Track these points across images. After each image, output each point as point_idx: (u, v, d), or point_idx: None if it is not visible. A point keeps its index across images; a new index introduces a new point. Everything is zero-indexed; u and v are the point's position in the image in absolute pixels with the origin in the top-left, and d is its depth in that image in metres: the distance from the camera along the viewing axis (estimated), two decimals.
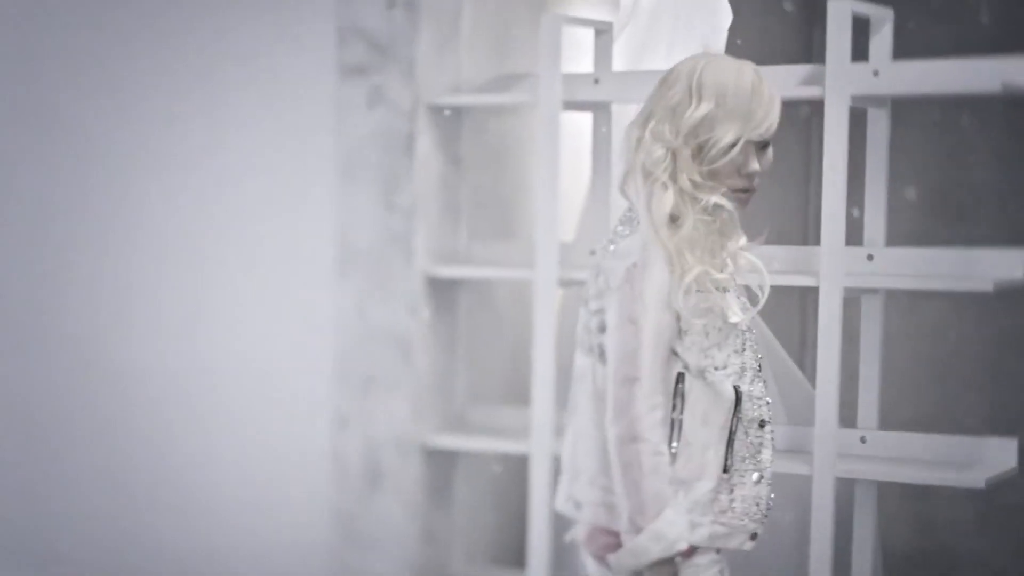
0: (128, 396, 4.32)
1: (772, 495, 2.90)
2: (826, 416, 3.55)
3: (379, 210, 4.00)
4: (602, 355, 2.83)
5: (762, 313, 4.39)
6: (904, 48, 3.73)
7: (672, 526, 2.75)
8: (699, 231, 2.75)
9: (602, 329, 2.84)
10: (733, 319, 2.79)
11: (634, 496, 2.74)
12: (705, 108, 2.73)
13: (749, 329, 2.86)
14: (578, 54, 4.16)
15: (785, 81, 3.65)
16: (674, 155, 2.76)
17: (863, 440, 3.74)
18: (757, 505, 2.86)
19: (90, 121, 4.34)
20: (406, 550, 4.02)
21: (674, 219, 2.75)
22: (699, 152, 2.75)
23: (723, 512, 2.83)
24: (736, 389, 2.81)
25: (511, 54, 4.18)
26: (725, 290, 2.81)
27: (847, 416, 3.71)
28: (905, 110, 3.98)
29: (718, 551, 2.88)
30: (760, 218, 4.63)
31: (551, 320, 3.85)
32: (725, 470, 2.80)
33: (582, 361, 2.93)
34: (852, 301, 3.67)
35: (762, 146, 2.78)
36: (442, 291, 4.07)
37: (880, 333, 3.76)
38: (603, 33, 4.00)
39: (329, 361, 4.05)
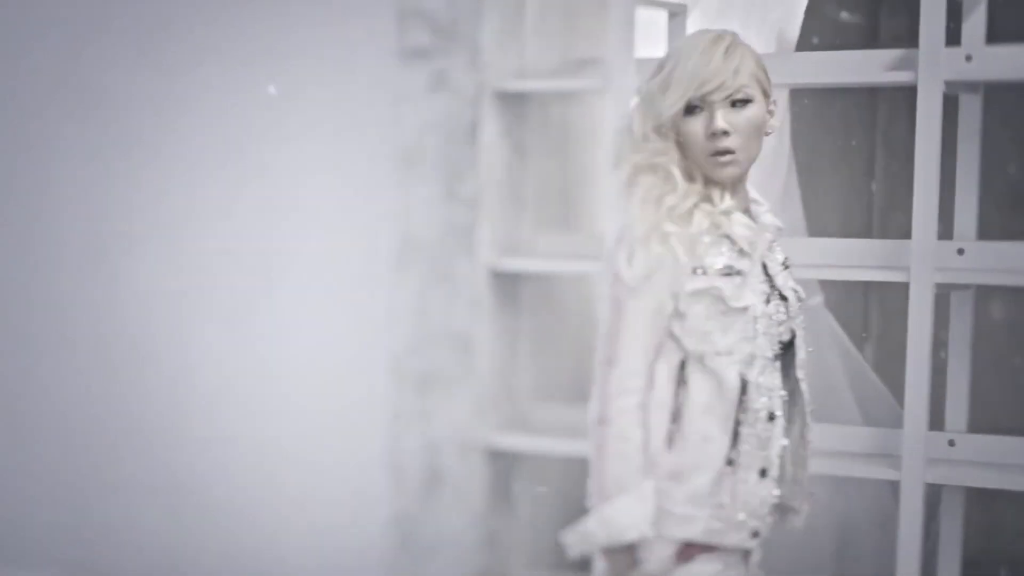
0: (183, 396, 4.18)
1: (778, 492, 2.75)
2: (916, 419, 3.39)
3: (441, 201, 3.84)
4: None
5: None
6: (997, 32, 3.55)
7: (623, 514, 2.63)
8: (649, 192, 2.66)
9: None
10: (736, 304, 2.65)
11: (597, 479, 2.65)
12: (658, 74, 2.68)
13: (769, 316, 2.70)
14: (646, 37, 3.97)
15: (873, 66, 3.47)
16: (638, 122, 2.71)
17: (951, 443, 3.56)
18: (761, 502, 2.71)
19: (143, 112, 4.19)
20: (466, 556, 3.86)
21: (631, 186, 2.69)
22: (650, 117, 2.68)
23: (722, 507, 2.68)
24: (742, 378, 2.66)
25: (579, 38, 4.02)
26: (732, 272, 2.66)
27: (934, 419, 3.53)
28: (998, 96, 3.79)
29: (722, 562, 2.73)
30: (821, 210, 4.50)
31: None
32: (729, 463, 2.67)
33: None
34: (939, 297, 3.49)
35: (731, 104, 2.65)
36: (505, 285, 3.92)
37: (970, 331, 3.58)
38: (677, 15, 3.83)
39: (387, 358, 3.89)
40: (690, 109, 2.65)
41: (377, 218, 3.92)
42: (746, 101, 2.65)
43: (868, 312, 5.45)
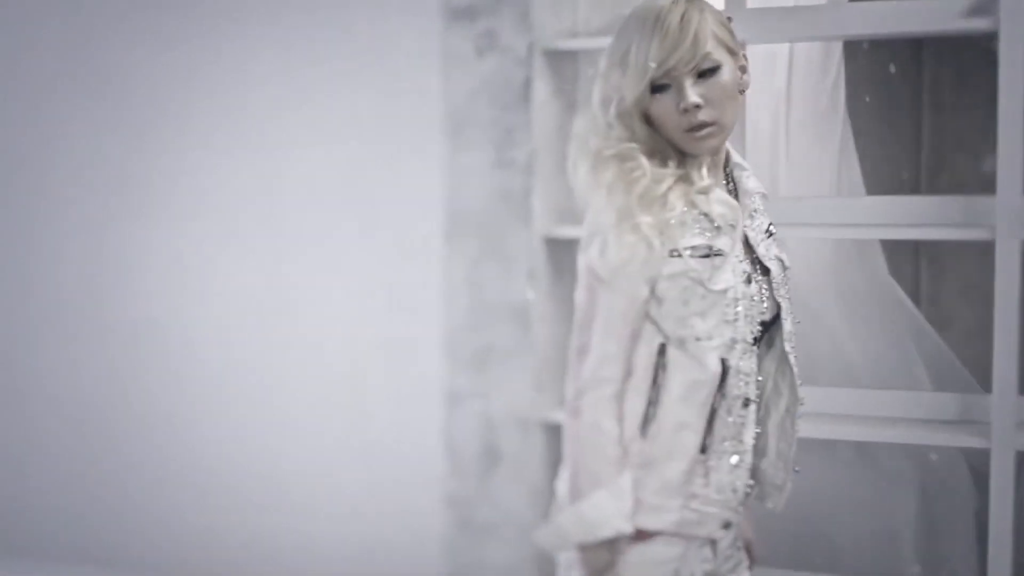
0: (227, 380, 4.02)
1: (751, 481, 2.65)
2: (1005, 384, 3.22)
3: (491, 167, 3.68)
4: None
5: (876, 268, 4.17)
6: None
7: (597, 510, 2.53)
8: (616, 179, 2.53)
9: None
10: (716, 287, 2.54)
11: (573, 471, 2.56)
12: (611, 57, 2.56)
13: (750, 297, 2.59)
14: None
15: (947, 12, 3.30)
16: (600, 109, 2.58)
17: None
18: (734, 492, 2.61)
19: (173, 85, 4.03)
20: (526, 537, 3.70)
21: (597, 175, 2.57)
22: (610, 103, 2.56)
23: (695, 497, 2.58)
24: (723, 363, 2.55)
25: None
26: (710, 252, 2.54)
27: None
28: None
29: (683, 545, 2.61)
30: (865, 165, 4.34)
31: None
32: (702, 450, 2.56)
33: None
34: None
35: (698, 75, 2.52)
36: (561, 253, 3.76)
37: None
38: None
39: (439, 334, 3.74)
40: (656, 88, 2.52)
41: (425, 188, 3.76)
42: (714, 69, 2.51)
43: (919, 273, 5.30)
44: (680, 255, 2.51)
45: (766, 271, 2.62)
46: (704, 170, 2.55)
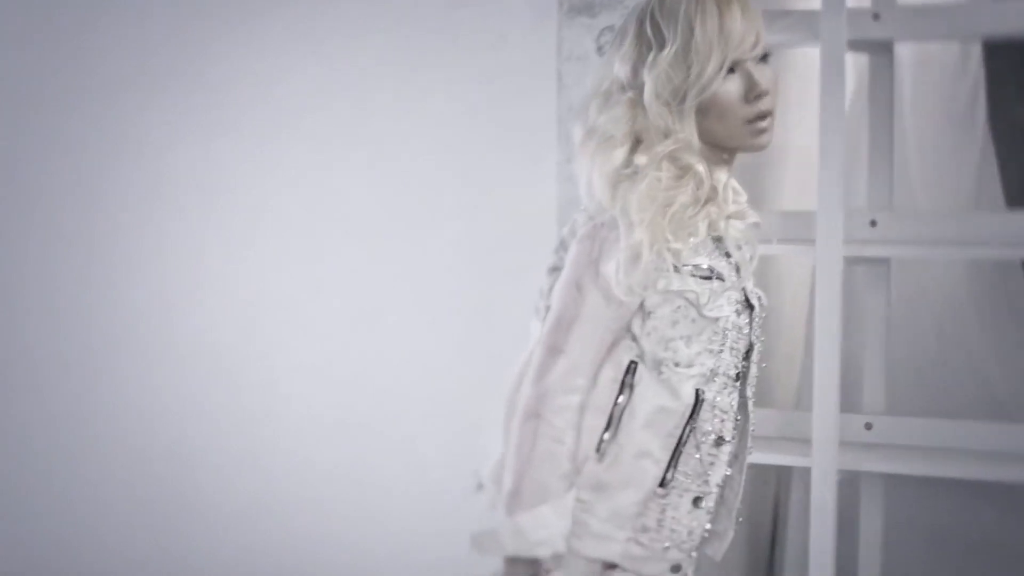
0: (312, 375, 3.79)
1: (709, 526, 2.52)
2: None
3: None
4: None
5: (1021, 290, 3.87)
6: None
7: (539, 526, 2.40)
8: (656, 189, 2.38)
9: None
10: (710, 313, 2.41)
11: (516, 477, 2.42)
12: (671, 44, 2.41)
13: (738, 330, 2.44)
14: None
15: None
16: (640, 110, 2.42)
17: None
18: (689, 534, 2.49)
19: (275, 86, 3.78)
20: None
21: (629, 176, 2.42)
22: (676, 96, 2.40)
23: (645, 531, 2.45)
24: (698, 394, 2.42)
25: None
26: (711, 275, 2.41)
27: None
28: None
29: None
30: (1006, 176, 4.05)
31: (836, 305, 3.19)
32: (662, 484, 2.43)
33: (536, 329, 2.59)
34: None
35: (759, 61, 2.44)
36: None
37: None
38: None
39: None
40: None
41: (539, 196, 3.52)
42: (768, 54, 2.45)
43: None
44: (679, 270, 2.36)
45: (750, 306, 2.46)
46: (729, 188, 2.43)
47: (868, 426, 3.43)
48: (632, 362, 2.41)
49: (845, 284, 3.17)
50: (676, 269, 2.36)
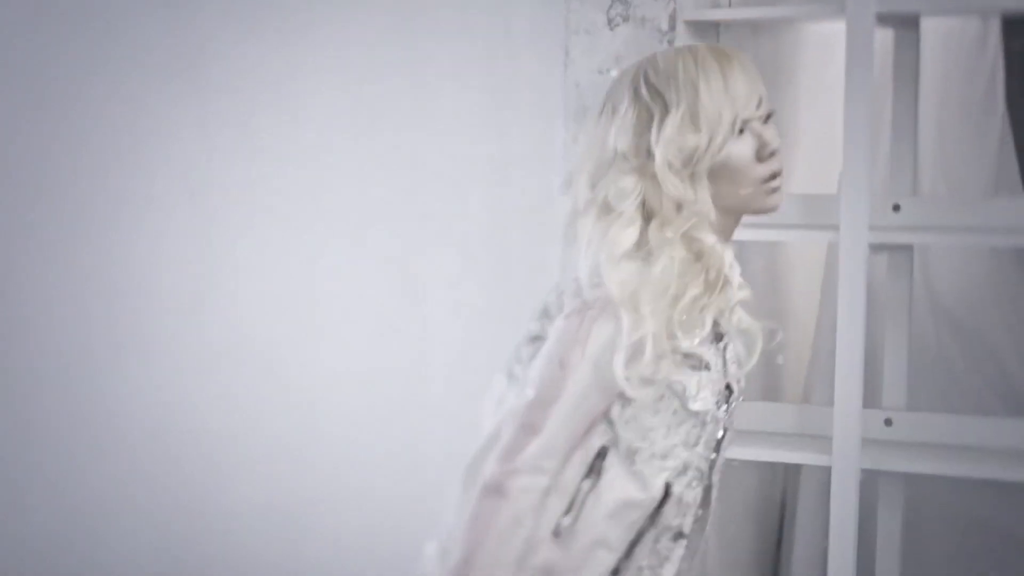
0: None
1: None
2: None
3: None
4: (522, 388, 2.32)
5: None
6: None
7: None
8: (670, 275, 2.20)
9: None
10: (694, 406, 2.25)
11: (466, 551, 2.24)
12: (677, 108, 2.23)
13: (716, 422, 2.30)
14: None
15: None
16: (649, 180, 2.24)
17: None
18: None
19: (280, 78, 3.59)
20: None
21: (642, 258, 2.23)
22: (689, 164, 2.23)
23: None
24: (667, 487, 2.27)
25: None
26: (700, 365, 2.25)
27: None
28: None
29: None
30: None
31: (860, 294, 3.02)
32: (614, 573, 2.29)
33: (500, 386, 2.39)
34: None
35: (765, 120, 2.28)
36: None
37: None
38: None
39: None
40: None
41: (545, 176, 3.30)
42: (771, 114, 2.27)
43: None
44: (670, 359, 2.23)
45: (729, 391, 2.32)
46: (736, 266, 2.28)
47: (888, 422, 3.27)
48: (603, 447, 2.26)
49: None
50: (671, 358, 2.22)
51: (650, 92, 2.23)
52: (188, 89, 3.70)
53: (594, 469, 2.26)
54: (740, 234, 3.20)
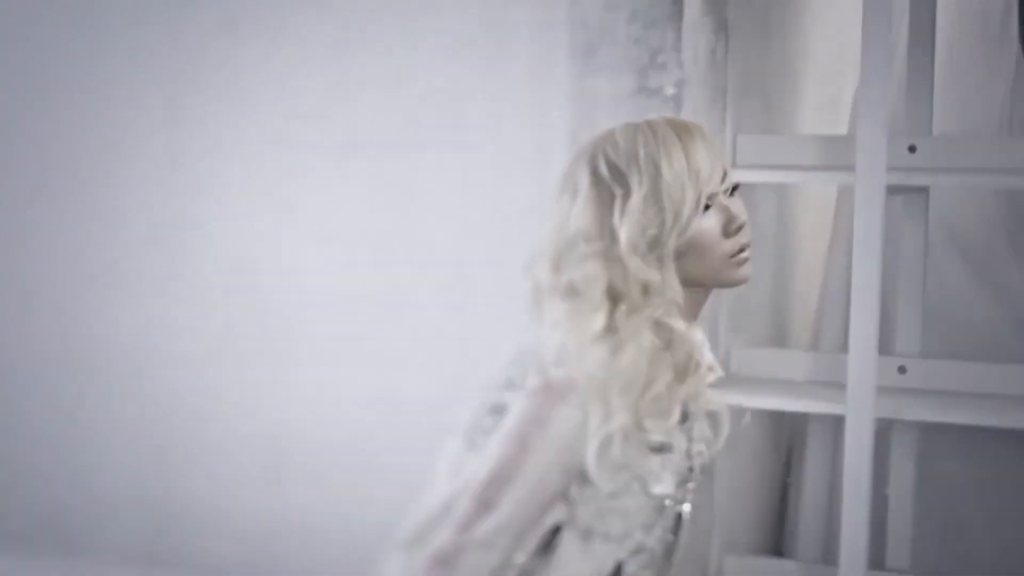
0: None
1: None
2: None
3: (630, 98, 3.10)
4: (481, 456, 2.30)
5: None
6: None
7: None
8: (640, 366, 2.16)
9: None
10: (656, 490, 2.23)
11: None
12: (639, 188, 2.19)
13: (674, 506, 2.28)
14: None
15: None
16: (614, 264, 2.20)
17: None
18: None
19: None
20: None
21: (610, 345, 2.18)
22: (656, 246, 2.18)
23: None
24: (619, 567, 2.26)
25: None
26: (663, 448, 2.24)
27: None
28: None
29: None
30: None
31: (876, 238, 2.93)
32: None
33: (456, 451, 2.34)
34: None
35: (728, 193, 2.25)
36: None
37: None
38: None
39: None
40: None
41: (547, 120, 3.23)
42: (736, 187, 2.26)
43: None
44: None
45: (691, 470, 2.30)
46: (705, 345, 2.27)
47: (902, 370, 3.19)
48: (557, 525, 2.23)
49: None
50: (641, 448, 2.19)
51: (611, 171, 2.19)
52: (189, 90, 3.68)
53: (547, 545, 2.22)
54: (749, 176, 3.15)
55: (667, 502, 2.24)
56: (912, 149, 3.09)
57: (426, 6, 3.32)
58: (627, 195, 2.16)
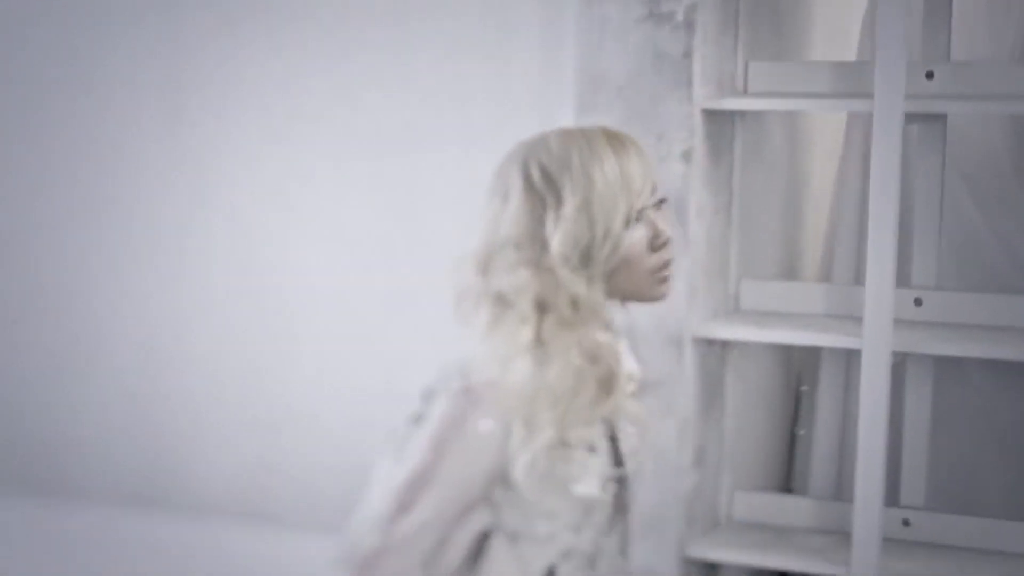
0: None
1: None
2: None
3: (639, 23, 3.02)
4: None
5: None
6: None
7: None
8: (566, 380, 2.13)
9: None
10: (580, 491, 2.19)
11: None
12: (572, 197, 2.13)
13: (605, 505, 2.24)
14: None
15: None
16: (544, 274, 2.14)
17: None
18: None
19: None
20: (674, 472, 3.10)
21: (536, 356, 2.14)
22: (587, 258, 2.13)
23: None
24: (551, 571, 2.22)
25: None
26: (586, 449, 2.21)
27: None
28: None
29: None
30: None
31: (895, 166, 2.85)
32: None
33: (387, 467, 2.27)
34: None
35: (657, 206, 2.19)
36: (724, 129, 3.11)
37: None
38: None
39: None
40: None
41: (552, 47, 3.12)
42: (663, 200, 2.20)
43: None
44: None
45: (621, 471, 2.24)
46: (626, 356, 2.21)
47: (918, 302, 3.11)
48: (486, 530, 2.20)
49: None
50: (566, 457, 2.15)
51: (544, 178, 2.13)
52: (190, 90, 3.63)
53: (476, 551, 2.20)
54: (761, 104, 3.07)
55: (594, 504, 2.19)
56: (930, 75, 3.00)
57: (427, 6, 3.24)
58: (559, 204, 2.11)
